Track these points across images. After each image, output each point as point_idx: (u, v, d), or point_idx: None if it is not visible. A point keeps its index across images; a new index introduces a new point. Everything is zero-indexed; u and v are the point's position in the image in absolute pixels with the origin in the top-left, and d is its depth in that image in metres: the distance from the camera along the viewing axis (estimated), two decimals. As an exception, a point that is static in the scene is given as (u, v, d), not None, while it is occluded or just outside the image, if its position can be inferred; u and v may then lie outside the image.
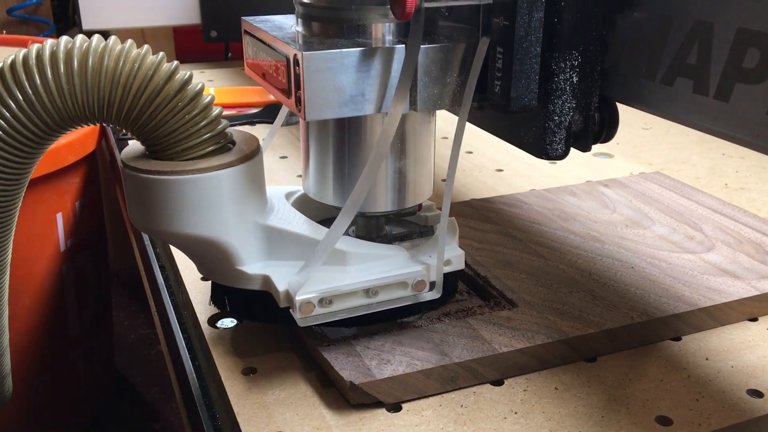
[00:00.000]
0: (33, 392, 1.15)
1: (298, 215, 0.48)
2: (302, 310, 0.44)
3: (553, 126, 0.43)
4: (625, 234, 0.64)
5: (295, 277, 0.44)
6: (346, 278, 0.46)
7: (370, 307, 0.46)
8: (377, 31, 0.43)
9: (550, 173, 0.82)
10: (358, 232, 0.52)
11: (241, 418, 0.43)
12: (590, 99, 0.43)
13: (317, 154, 0.48)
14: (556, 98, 0.42)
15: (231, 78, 1.28)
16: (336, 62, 0.41)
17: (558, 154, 0.43)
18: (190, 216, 0.43)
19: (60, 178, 1.10)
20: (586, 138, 0.44)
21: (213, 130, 0.43)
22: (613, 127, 0.45)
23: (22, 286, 1.08)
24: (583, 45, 0.41)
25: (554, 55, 0.41)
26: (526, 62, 0.41)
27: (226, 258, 0.46)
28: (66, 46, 0.40)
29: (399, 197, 0.49)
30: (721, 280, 0.56)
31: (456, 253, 0.49)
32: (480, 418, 0.44)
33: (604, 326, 0.49)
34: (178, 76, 0.41)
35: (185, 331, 0.54)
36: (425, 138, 0.49)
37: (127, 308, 1.77)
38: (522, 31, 0.40)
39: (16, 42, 1.34)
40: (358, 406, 0.44)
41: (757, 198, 0.78)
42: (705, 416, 0.44)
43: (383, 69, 0.42)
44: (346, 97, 0.42)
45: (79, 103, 0.40)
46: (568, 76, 0.42)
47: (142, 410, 1.47)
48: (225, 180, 0.43)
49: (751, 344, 0.51)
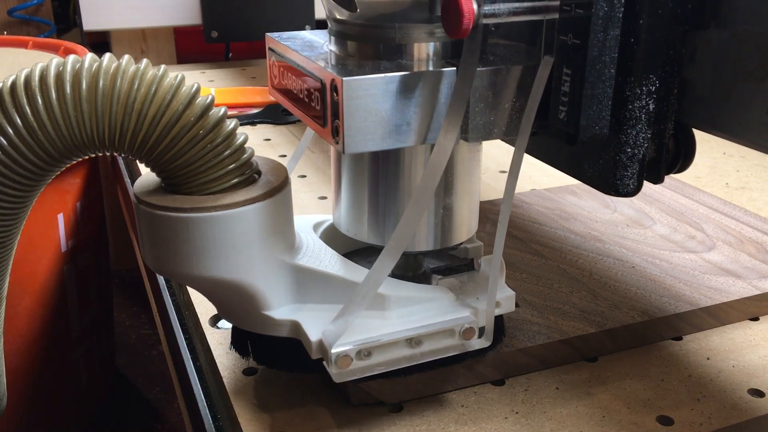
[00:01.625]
0: (34, 393, 1.15)
1: (329, 252, 0.43)
2: (338, 365, 0.39)
3: (625, 159, 0.38)
4: (626, 233, 0.64)
5: (330, 326, 0.39)
6: (386, 326, 0.41)
7: (413, 359, 0.41)
8: (421, 51, 0.39)
9: (550, 173, 0.82)
10: (394, 269, 0.43)
11: (242, 419, 0.43)
12: (665, 125, 0.38)
13: (351, 186, 0.43)
14: (629, 128, 0.37)
15: (232, 78, 1.28)
16: (379, 88, 0.36)
17: (629, 191, 0.39)
18: (213, 257, 0.39)
19: (61, 178, 1.10)
20: (658, 168, 0.39)
21: (237, 160, 0.39)
22: (689, 157, 0.40)
23: (23, 287, 1.08)
24: (661, 68, 0.36)
25: (629, 79, 0.36)
26: (599, 86, 0.36)
27: (251, 302, 0.41)
28: (73, 67, 0.35)
29: (443, 235, 0.44)
30: (722, 279, 0.56)
31: (506, 294, 0.44)
32: (481, 418, 0.44)
33: (605, 326, 0.49)
34: (198, 100, 0.37)
35: (186, 331, 0.54)
36: (473, 170, 0.44)
37: (128, 308, 1.78)
38: (595, 51, 0.35)
39: (16, 43, 1.34)
40: (360, 406, 0.44)
41: (758, 197, 0.78)
42: (706, 416, 0.44)
43: (431, 95, 0.37)
44: (390, 126, 0.37)
45: (87, 132, 0.36)
46: (644, 103, 0.37)
47: (143, 410, 1.47)
48: (251, 217, 0.39)
49: (753, 344, 0.51)
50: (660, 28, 0.35)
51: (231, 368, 0.48)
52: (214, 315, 0.54)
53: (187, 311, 0.56)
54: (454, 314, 0.42)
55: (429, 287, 0.44)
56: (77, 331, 1.21)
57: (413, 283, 0.44)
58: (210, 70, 1.35)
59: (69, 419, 1.25)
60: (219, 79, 1.28)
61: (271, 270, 0.41)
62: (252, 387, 0.46)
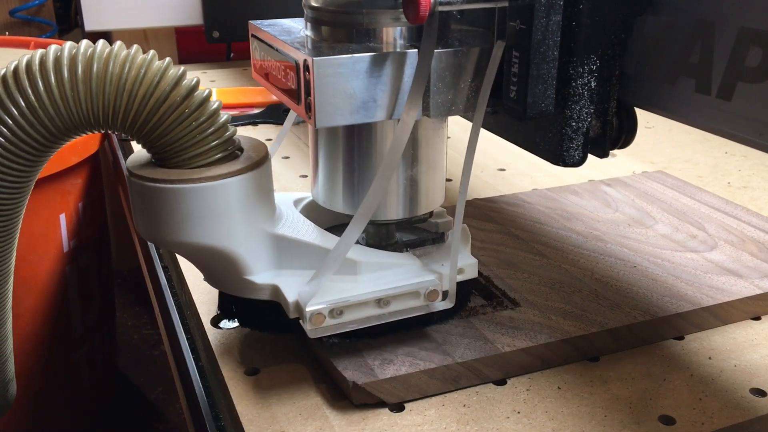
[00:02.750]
0: (37, 393, 1.15)
1: (307, 223, 0.47)
2: (312, 321, 0.43)
3: (570, 132, 0.41)
4: (627, 233, 0.64)
5: (305, 287, 0.43)
6: (357, 288, 0.45)
7: (382, 318, 0.45)
8: (388, 35, 0.42)
9: (552, 172, 0.82)
10: (369, 239, 0.51)
11: (244, 419, 0.43)
12: (608, 104, 0.42)
13: (326, 160, 0.47)
14: (573, 103, 0.41)
15: (233, 78, 1.28)
16: (347, 67, 0.39)
17: (575, 161, 0.42)
18: (198, 225, 0.42)
19: (63, 179, 1.10)
20: (603, 144, 0.43)
21: (221, 137, 0.42)
22: (632, 133, 0.44)
23: (25, 287, 1.09)
24: (601, 49, 0.40)
25: (572, 59, 0.40)
26: (543, 67, 0.40)
27: (234, 268, 0.45)
28: (70, 52, 0.39)
29: (411, 205, 0.48)
30: (724, 279, 0.56)
31: (469, 261, 0.48)
32: (483, 417, 0.44)
33: (607, 325, 0.49)
34: (184, 82, 0.40)
35: (188, 331, 0.54)
36: (437, 145, 0.47)
37: (130, 309, 1.78)
38: (539, 35, 0.39)
39: (18, 43, 1.34)
40: (361, 406, 0.44)
41: (760, 197, 0.78)
42: (708, 415, 0.44)
43: (395, 74, 0.41)
44: (358, 103, 0.40)
45: (84, 111, 0.39)
46: (586, 81, 0.40)
47: (145, 410, 1.47)
48: (233, 188, 0.42)
49: (754, 343, 0.51)
50: (599, 13, 0.39)
51: (233, 368, 0.48)
52: (215, 315, 0.54)
53: (189, 311, 0.56)
54: (419, 278, 0.46)
55: (398, 254, 0.48)
56: (79, 331, 1.21)
57: (383, 251, 0.48)
58: (211, 70, 1.35)
59: (71, 419, 1.25)
60: (220, 79, 1.28)
61: (252, 238, 0.44)
62: (254, 387, 0.46)
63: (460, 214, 0.45)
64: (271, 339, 0.51)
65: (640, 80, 0.41)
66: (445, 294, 0.46)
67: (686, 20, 0.38)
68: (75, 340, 1.21)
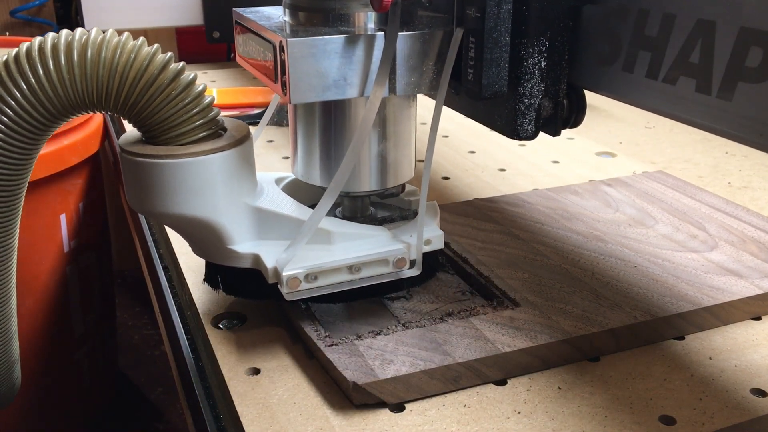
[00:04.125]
0: (37, 392, 1.15)
1: (286, 198, 0.51)
2: (289, 285, 0.47)
3: (523, 108, 0.45)
4: (628, 233, 0.64)
5: (283, 254, 0.47)
6: (330, 256, 0.48)
7: (354, 283, 0.49)
8: (360, 20, 0.46)
9: (552, 172, 0.82)
10: (344, 212, 0.55)
11: (244, 419, 0.43)
12: (559, 86, 0.46)
13: (304, 137, 0.51)
14: (525, 82, 0.45)
15: (234, 78, 1.28)
16: (319, 48, 0.43)
17: (528, 135, 0.46)
18: (184, 197, 0.45)
19: (63, 179, 1.10)
20: (555, 123, 0.47)
21: (205, 117, 0.45)
22: (581, 113, 0.47)
23: (26, 288, 1.09)
24: (550, 32, 0.44)
25: (523, 41, 0.44)
26: (496, 51, 0.44)
27: (217, 238, 0.48)
28: (66, 39, 0.42)
29: (381, 178, 0.52)
30: (725, 279, 0.56)
31: (436, 233, 0.52)
32: (483, 417, 0.44)
33: (608, 326, 0.49)
34: (171, 66, 0.43)
35: (189, 331, 0.54)
36: (406, 122, 0.51)
37: (131, 309, 1.78)
38: (492, 22, 0.43)
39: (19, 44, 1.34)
40: (362, 406, 0.44)
41: (760, 197, 0.78)
42: (708, 415, 0.44)
43: (364, 55, 0.44)
44: (329, 81, 0.44)
45: (79, 92, 0.43)
46: (536, 61, 0.44)
47: (145, 410, 1.47)
48: (216, 163, 0.45)
49: (755, 343, 0.51)
50: (547, 0, 0.43)
51: (233, 368, 0.48)
52: (216, 315, 0.54)
53: (189, 311, 0.56)
54: (389, 247, 0.50)
55: (370, 226, 0.52)
56: (80, 331, 1.21)
57: (356, 223, 0.52)
58: (212, 70, 1.35)
59: (71, 419, 1.25)
60: (221, 79, 1.28)
61: (235, 210, 0.48)
62: (254, 387, 0.46)
63: (425, 188, 0.49)
64: (272, 339, 0.51)
65: (588, 65, 0.45)
66: (412, 262, 0.50)
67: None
68: (75, 340, 1.21)
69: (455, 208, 0.69)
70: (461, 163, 0.85)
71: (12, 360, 0.54)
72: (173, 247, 0.64)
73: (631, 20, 0.41)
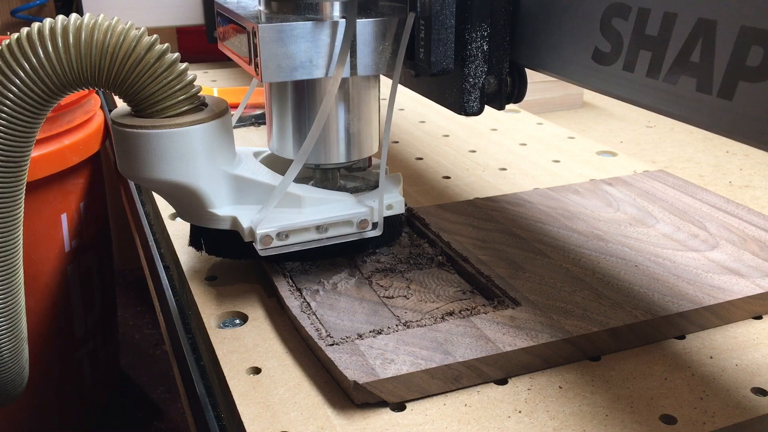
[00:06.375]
0: (38, 392, 1.15)
1: (262, 168, 0.56)
2: (262, 242, 0.52)
3: (468, 87, 0.52)
4: (628, 232, 0.64)
5: (257, 215, 0.53)
6: (300, 217, 0.54)
7: (321, 242, 0.55)
8: (326, 9, 0.52)
9: (553, 172, 0.82)
10: (316, 183, 0.60)
11: (245, 418, 0.43)
12: (502, 65, 0.52)
13: (278, 114, 0.57)
14: (470, 63, 0.51)
15: (234, 78, 1.28)
16: (287, 33, 0.49)
17: (474, 111, 0.53)
18: (168, 164, 0.51)
19: (64, 178, 1.10)
20: (500, 98, 0.53)
21: (187, 92, 0.51)
22: (523, 89, 0.53)
23: (27, 287, 1.08)
24: (491, 18, 0.50)
25: (467, 27, 0.50)
26: (443, 32, 0.49)
27: (199, 201, 0.53)
28: (63, 23, 0.47)
29: (348, 151, 0.57)
30: (726, 278, 0.56)
31: (397, 199, 0.57)
32: (484, 417, 0.44)
33: (608, 325, 0.49)
34: (157, 47, 0.49)
35: (190, 331, 0.54)
36: (369, 100, 0.57)
37: (132, 308, 1.78)
38: (438, 6, 0.49)
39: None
40: (362, 405, 0.44)
41: (761, 196, 0.78)
42: (709, 415, 0.44)
43: (329, 40, 0.50)
44: (297, 62, 0.50)
45: (75, 70, 0.48)
46: (479, 45, 0.51)
47: (147, 410, 1.47)
48: (197, 134, 0.51)
49: (756, 342, 0.51)
50: None
51: (234, 367, 0.48)
52: (217, 315, 0.54)
53: (190, 311, 0.56)
54: (353, 210, 0.55)
55: (337, 192, 0.57)
56: (81, 330, 1.21)
57: (325, 189, 0.57)
58: (213, 70, 1.35)
59: (73, 418, 1.25)
60: (222, 79, 1.28)
61: (214, 177, 0.53)
62: (255, 386, 0.46)
63: (384, 156, 0.55)
64: (273, 338, 0.51)
65: (529, 45, 0.50)
66: (374, 224, 0.56)
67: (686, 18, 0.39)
68: (77, 339, 1.21)
69: (456, 207, 0.69)
70: (462, 163, 0.85)
71: (23, 362, 0.55)
72: (174, 246, 0.65)
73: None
